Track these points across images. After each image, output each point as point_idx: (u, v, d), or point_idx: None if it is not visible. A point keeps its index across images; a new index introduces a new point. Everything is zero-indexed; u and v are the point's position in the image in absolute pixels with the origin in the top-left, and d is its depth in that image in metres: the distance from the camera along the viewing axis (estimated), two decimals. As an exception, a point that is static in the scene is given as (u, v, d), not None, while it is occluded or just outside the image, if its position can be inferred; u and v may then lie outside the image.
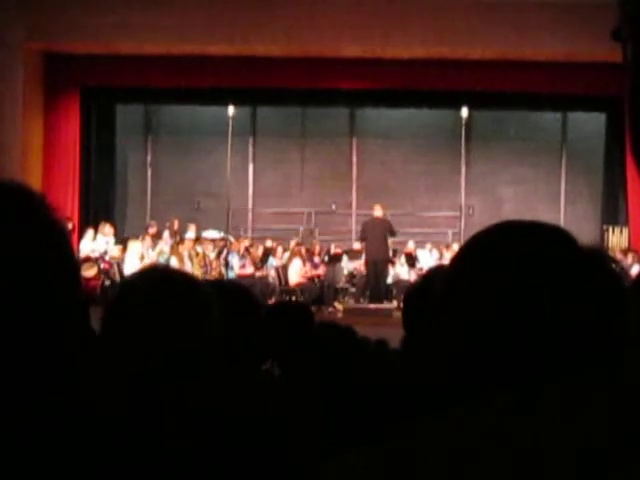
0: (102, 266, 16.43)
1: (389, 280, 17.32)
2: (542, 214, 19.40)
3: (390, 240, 16.98)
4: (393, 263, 17.65)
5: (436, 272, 2.76)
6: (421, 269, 16.34)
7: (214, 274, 16.53)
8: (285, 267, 17.50)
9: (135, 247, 16.69)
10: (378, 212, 16.90)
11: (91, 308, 1.31)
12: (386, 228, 16.67)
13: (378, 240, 16.46)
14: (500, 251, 1.20)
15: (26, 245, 1.18)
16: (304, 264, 17.48)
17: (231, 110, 18.20)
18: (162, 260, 16.59)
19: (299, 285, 17.09)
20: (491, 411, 1.08)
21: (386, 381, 2.42)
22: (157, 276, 2.05)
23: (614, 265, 1.24)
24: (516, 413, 1.07)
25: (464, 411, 1.11)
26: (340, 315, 15.45)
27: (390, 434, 1.11)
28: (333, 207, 21.09)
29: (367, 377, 2.48)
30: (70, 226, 16.32)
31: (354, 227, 20.25)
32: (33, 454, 1.15)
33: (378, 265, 16.55)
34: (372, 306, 15.87)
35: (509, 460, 1.01)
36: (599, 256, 1.23)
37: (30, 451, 1.15)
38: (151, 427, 1.47)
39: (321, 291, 17.09)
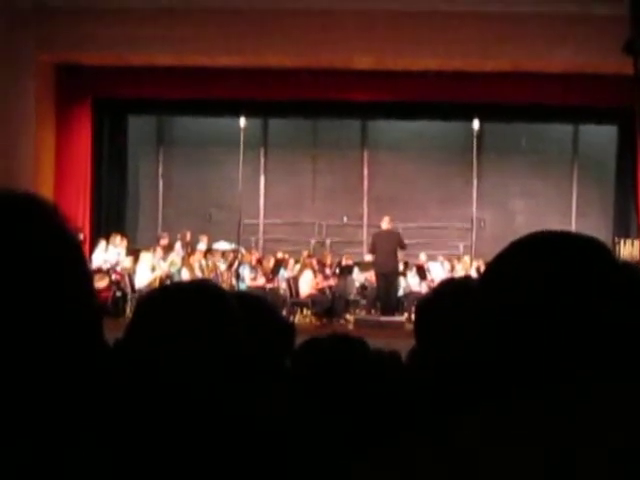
0: (113, 277, 16.45)
1: (400, 292, 17.29)
2: (554, 226, 18.98)
3: (401, 253, 16.98)
4: (404, 275, 17.64)
5: (447, 285, 2.75)
6: (432, 281, 16.32)
7: (225, 286, 16.53)
8: (296, 279, 17.49)
9: (146, 258, 16.70)
10: (386, 224, 16.91)
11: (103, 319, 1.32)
12: (396, 241, 16.66)
13: (387, 253, 16.44)
14: (533, 263, 1.20)
15: (39, 256, 1.19)
16: (315, 276, 17.47)
17: (242, 122, 18.21)
18: (173, 271, 16.61)
19: (310, 297, 17.07)
20: (525, 413, 1.08)
21: (398, 391, 2.42)
22: (188, 286, 2.10)
23: None
24: (552, 414, 1.07)
25: (487, 414, 1.11)
26: (351, 327, 15.41)
27: (405, 441, 1.10)
28: (344, 219, 21.08)
29: (380, 389, 2.48)
30: (81, 237, 16.36)
31: (365, 239, 20.24)
32: (40, 462, 1.15)
33: (388, 278, 16.53)
34: (383, 318, 15.83)
35: (542, 461, 1.02)
36: (633, 268, 1.23)
37: (37, 459, 1.15)
38: (160, 436, 1.47)
39: (332, 303, 17.06)
